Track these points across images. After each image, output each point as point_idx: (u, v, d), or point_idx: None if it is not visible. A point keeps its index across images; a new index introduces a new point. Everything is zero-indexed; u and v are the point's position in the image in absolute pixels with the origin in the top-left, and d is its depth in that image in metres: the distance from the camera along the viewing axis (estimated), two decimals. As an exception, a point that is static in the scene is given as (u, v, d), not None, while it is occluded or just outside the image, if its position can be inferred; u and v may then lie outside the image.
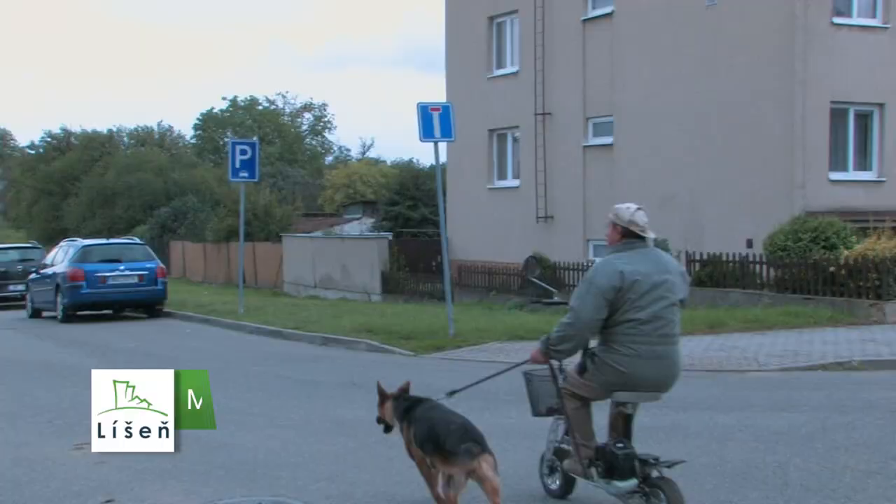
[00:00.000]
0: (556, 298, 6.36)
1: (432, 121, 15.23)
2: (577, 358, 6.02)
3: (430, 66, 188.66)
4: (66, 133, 73.77)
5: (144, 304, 22.49)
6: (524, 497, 6.32)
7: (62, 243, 24.40)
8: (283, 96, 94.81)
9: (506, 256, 24.70)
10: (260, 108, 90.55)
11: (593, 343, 5.88)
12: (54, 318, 22.08)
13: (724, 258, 18.15)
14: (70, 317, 21.47)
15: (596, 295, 5.70)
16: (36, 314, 23.37)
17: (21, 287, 25.73)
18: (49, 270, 22.68)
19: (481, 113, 26.30)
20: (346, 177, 62.90)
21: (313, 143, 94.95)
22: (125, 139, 74.60)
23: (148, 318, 22.24)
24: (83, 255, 21.87)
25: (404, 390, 6.42)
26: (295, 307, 22.35)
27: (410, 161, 71.56)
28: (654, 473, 5.60)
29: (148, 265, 22.15)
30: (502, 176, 27.04)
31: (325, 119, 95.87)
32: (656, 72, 21.65)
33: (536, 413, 6.52)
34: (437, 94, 39.14)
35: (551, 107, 24.50)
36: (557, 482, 6.36)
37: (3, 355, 15.49)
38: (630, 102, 22.32)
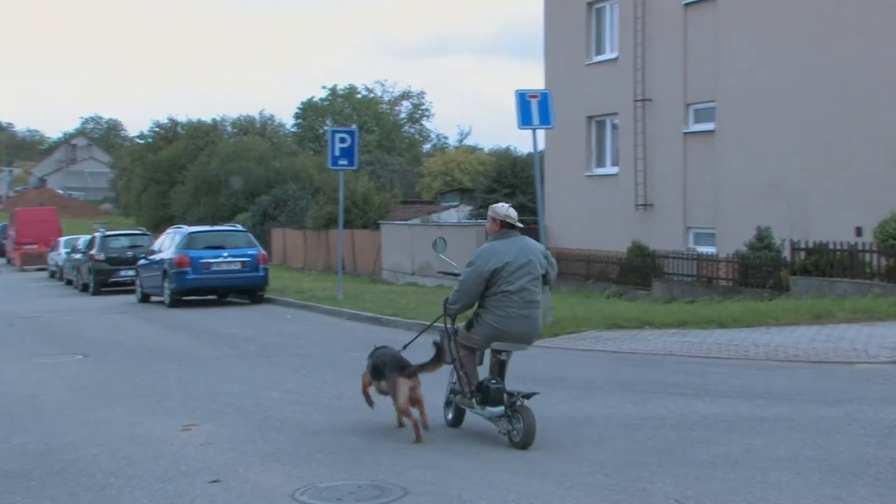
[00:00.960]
0: (456, 272, 7.82)
1: (530, 108, 15.16)
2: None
3: (528, 53, 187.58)
4: (173, 123, 75.77)
5: (247, 289, 22.99)
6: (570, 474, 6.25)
7: (169, 230, 25.09)
8: (382, 85, 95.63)
9: (604, 244, 24.47)
10: (359, 96, 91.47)
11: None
12: (162, 302, 22.73)
13: (832, 246, 17.61)
14: (176, 301, 22.07)
15: (478, 276, 7.77)
16: (145, 299, 24.08)
17: (131, 272, 26.51)
18: (157, 257, 23.34)
19: (580, 100, 26.05)
20: (444, 164, 63.07)
21: (411, 131, 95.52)
22: (228, 128, 76.21)
23: (250, 304, 22.73)
24: (189, 242, 22.44)
25: (380, 347, 8.60)
26: (393, 294, 22.54)
27: (508, 148, 71.32)
28: (518, 403, 7.41)
29: (250, 252, 22.61)
30: (600, 163, 26.77)
31: (423, 107, 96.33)
32: (762, 55, 21.11)
33: (453, 359, 8.17)
34: (535, 81, 38.88)
35: (651, 93, 24.12)
36: (451, 415, 8.25)
37: (115, 339, 16.03)
38: (733, 87, 21.82)
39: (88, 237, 32.83)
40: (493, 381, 7.66)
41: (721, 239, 21.72)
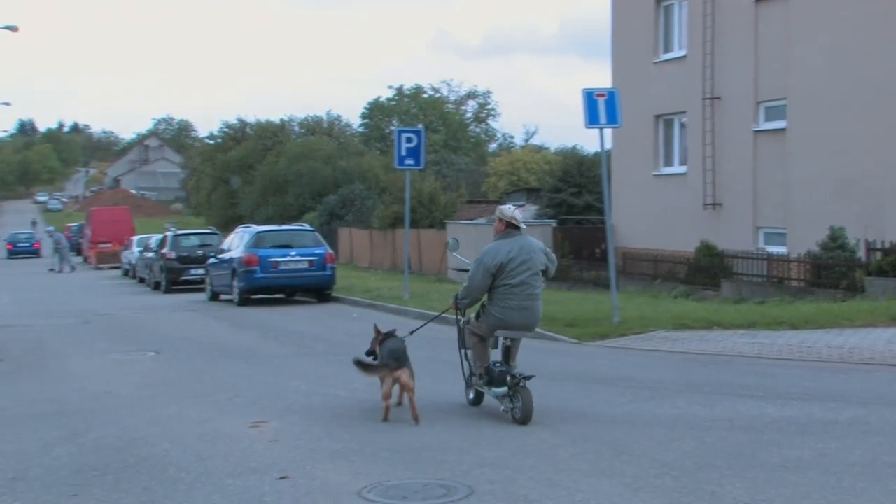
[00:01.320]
0: (468, 267, 9.11)
1: (597, 107, 15.06)
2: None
3: (594, 52, 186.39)
4: (242, 123, 76.81)
5: (314, 288, 23.20)
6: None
7: (238, 229, 25.42)
8: (448, 84, 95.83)
9: (672, 244, 24.19)
10: (425, 96, 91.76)
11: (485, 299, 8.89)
12: (231, 301, 23.06)
13: (909, 247, 17.16)
14: (245, 300, 22.36)
15: (484, 271, 8.76)
16: (214, 297, 24.44)
17: (201, 271, 26.93)
18: (226, 255, 23.68)
19: (647, 98, 25.79)
20: (510, 164, 62.97)
21: (477, 130, 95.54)
22: (296, 128, 77.00)
23: (317, 303, 22.93)
24: (257, 241, 22.72)
25: (389, 332, 9.40)
26: (458, 293, 22.53)
27: (574, 148, 70.88)
28: (520, 384, 8.33)
29: (317, 251, 22.81)
30: (668, 162, 26.46)
31: (489, 107, 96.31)
32: (835, 51, 20.67)
33: (464, 347, 9.31)
34: (601, 80, 38.55)
35: (720, 91, 23.77)
36: (472, 395, 9.24)
37: (185, 336, 16.31)
38: (806, 84, 21.40)
39: (160, 236, 33.44)
40: (498, 365, 8.73)
41: (792, 239, 21.33)
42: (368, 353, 9.40)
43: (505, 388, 8.45)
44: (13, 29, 41.83)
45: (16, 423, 8.67)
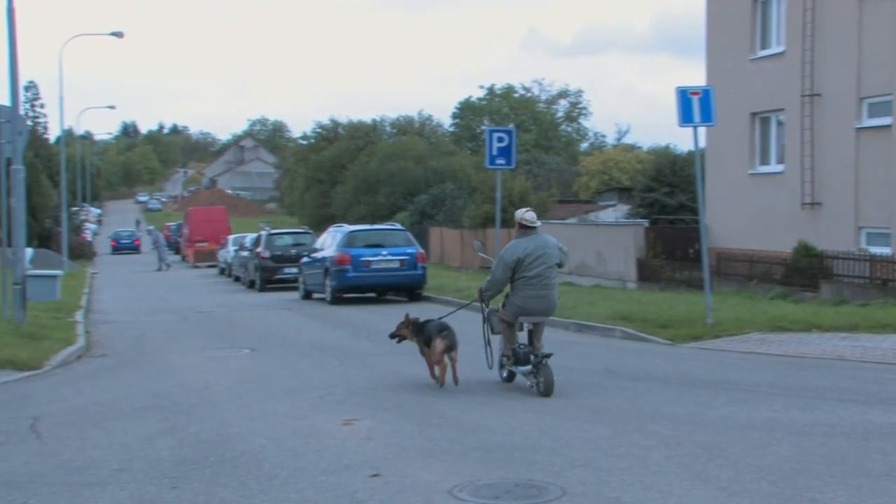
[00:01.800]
0: (491, 265, 10.80)
1: (691, 105, 14.84)
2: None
3: (688, 49, 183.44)
4: (335, 124, 77.81)
5: (405, 287, 23.36)
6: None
7: (330, 229, 25.75)
8: (539, 84, 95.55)
9: (768, 244, 23.66)
10: (516, 96, 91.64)
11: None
12: (323, 299, 23.37)
13: None
14: (337, 299, 22.63)
15: (505, 266, 10.21)
16: (307, 296, 24.80)
17: (294, 270, 27.36)
18: (318, 255, 24.01)
19: (743, 96, 25.26)
20: (602, 163, 62.46)
21: (568, 129, 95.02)
22: (387, 128, 77.67)
23: (408, 302, 23.07)
24: (349, 241, 22.98)
25: (417, 319, 11.05)
26: (549, 293, 22.42)
27: (667, 147, 69.95)
28: (542, 362, 9.75)
29: (409, 250, 22.96)
30: (765, 161, 25.86)
31: (581, 106, 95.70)
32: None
33: (494, 332, 10.70)
34: (695, 77, 37.91)
35: (820, 87, 23.13)
36: (505, 374, 10.62)
37: (279, 334, 16.60)
38: (911, 79, 20.67)
39: (255, 236, 34.08)
40: (523, 347, 10.14)
41: (897, 239, 20.65)
42: (392, 336, 11.21)
43: (529, 366, 9.94)
44: (119, 35, 43.22)
45: (121, 417, 8.95)
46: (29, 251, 26.25)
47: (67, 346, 14.38)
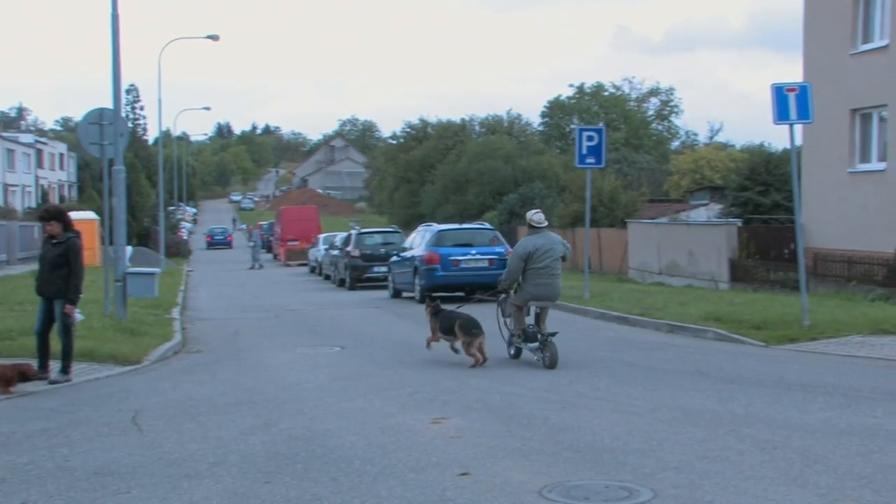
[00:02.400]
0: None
1: (788, 102, 14.51)
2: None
3: (784, 44, 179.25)
4: (424, 123, 78.21)
5: (494, 287, 23.28)
6: None
7: (419, 228, 25.87)
8: (630, 82, 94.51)
9: (868, 245, 22.96)
10: (606, 94, 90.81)
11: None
12: (412, 298, 23.50)
13: None
14: (426, 297, 22.69)
15: (518, 259, 12.22)
16: (396, 294, 24.96)
17: (384, 269, 27.56)
18: (408, 254, 24.15)
19: (842, 92, 24.56)
20: (693, 162, 61.45)
21: (659, 128, 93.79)
22: (476, 128, 77.75)
23: (496, 301, 23.02)
24: (438, 240, 23.05)
25: (438, 305, 12.71)
26: (640, 293, 22.20)
27: (761, 145, 68.58)
28: (547, 339, 11.74)
29: (497, 250, 22.92)
30: (865, 159, 25.10)
31: (672, 103, 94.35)
32: None
33: (505, 315, 12.89)
34: (791, 73, 37.00)
35: (925, 82, 22.36)
36: (513, 351, 12.62)
37: (369, 332, 16.77)
38: None
39: (345, 235, 34.46)
40: (531, 326, 12.18)
41: None
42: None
43: (536, 343, 11.94)
44: (214, 38, 44.17)
45: (216, 412, 9.14)
46: (129, 249, 27.05)
47: (165, 341, 14.77)
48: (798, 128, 15.62)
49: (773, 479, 6.27)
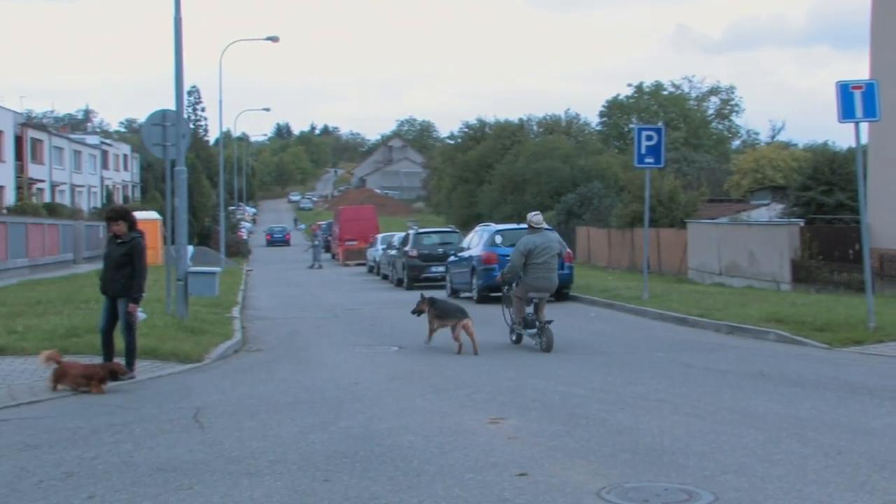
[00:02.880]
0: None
1: (853, 100, 14.25)
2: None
3: (849, 41, 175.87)
4: (482, 123, 78.21)
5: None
6: None
7: (477, 228, 25.87)
8: (689, 81, 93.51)
9: (936, 245, 22.43)
10: (665, 93, 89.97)
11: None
12: (470, 298, 23.49)
13: None
14: (484, 297, 22.70)
15: (520, 255, 13.80)
16: (454, 294, 24.95)
17: (441, 268, 27.59)
18: (465, 254, 24.16)
19: (910, 88, 23.98)
20: (754, 161, 60.60)
21: (719, 127, 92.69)
22: (534, 127, 77.53)
23: (555, 301, 22.92)
24: (496, 240, 23.02)
25: (433, 298, 14.40)
26: (699, 294, 21.95)
27: (825, 143, 67.40)
28: (544, 326, 13.47)
29: (555, 250, 22.78)
30: (934, 157, 24.51)
31: (733, 102, 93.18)
32: None
33: (508, 306, 14.66)
34: (856, 71, 36.24)
35: None
36: (514, 337, 14.31)
37: (426, 331, 16.76)
38: None
39: (403, 234, 34.57)
40: (530, 315, 13.87)
41: None
42: (414, 312, 14.61)
43: (535, 329, 13.68)
44: (274, 39, 44.65)
45: (275, 410, 9.24)
46: (190, 249, 27.45)
47: (226, 340, 14.96)
48: (864, 126, 15.31)
49: (838, 485, 6.16)
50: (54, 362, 10.47)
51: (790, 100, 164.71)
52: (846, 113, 14.29)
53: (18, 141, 57.86)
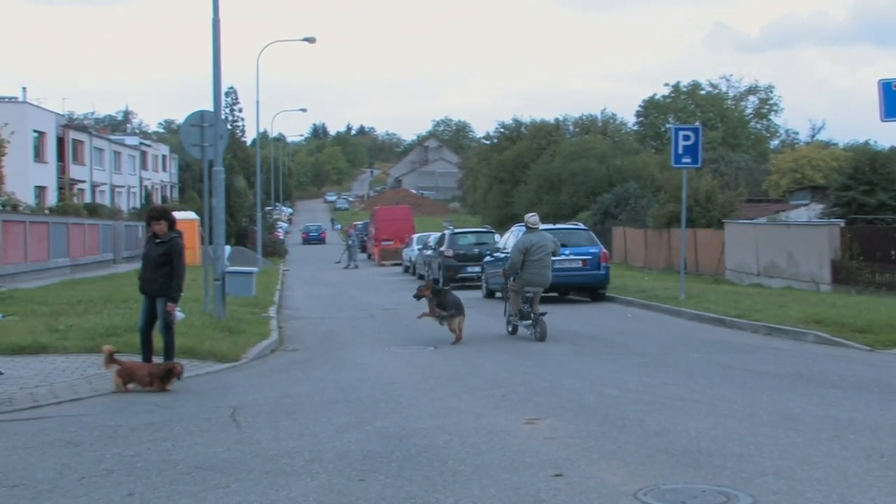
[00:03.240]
0: (508, 253, 16.16)
1: None
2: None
3: (892, 39, 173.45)
4: (518, 123, 78.10)
5: (588, 287, 23.14)
6: None
7: (513, 228, 25.80)
8: (727, 80, 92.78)
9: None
10: (702, 92, 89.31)
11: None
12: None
13: None
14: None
15: (518, 252, 15.38)
16: (490, 294, 24.95)
17: (477, 269, 27.58)
18: (501, 254, 24.10)
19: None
20: (793, 161, 59.97)
21: (758, 126, 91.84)
22: (570, 128, 77.28)
23: (591, 302, 22.87)
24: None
25: (437, 287, 16.28)
26: (737, 295, 21.76)
27: (867, 143, 66.52)
28: (539, 318, 15.01)
29: (591, 250, 22.73)
30: (977, 156, 24.13)
31: (771, 102, 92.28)
32: None
33: (505, 298, 16.45)
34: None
35: None
36: (510, 328, 15.86)
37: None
38: None
39: (439, 235, 34.58)
40: (525, 306, 15.32)
41: None
42: (416, 296, 16.08)
43: (529, 321, 15.21)
44: (311, 41, 44.87)
45: (311, 409, 9.29)
46: (227, 249, 27.66)
47: (262, 340, 15.06)
48: (906, 125, 15.10)
49: (881, 489, 6.08)
50: (115, 364, 10.60)
51: (831, 99, 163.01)
52: (889, 111, 14.13)
53: (60, 142, 58.63)
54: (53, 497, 6.31)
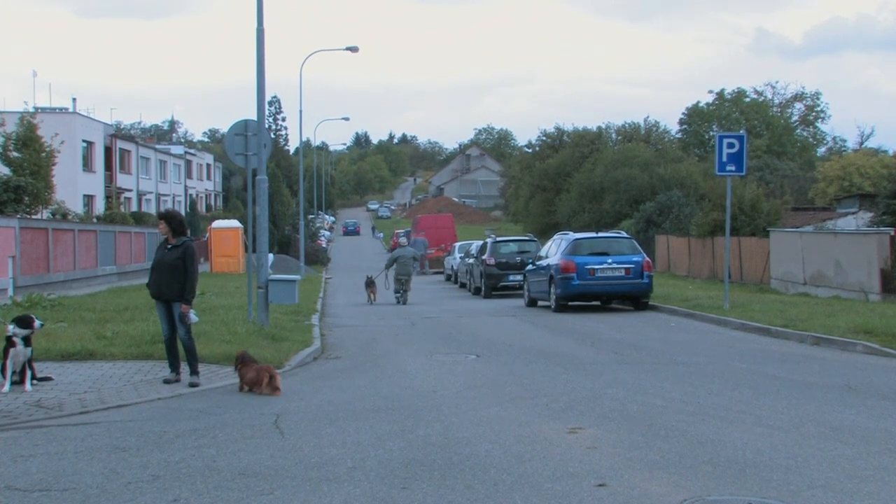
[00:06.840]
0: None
1: (945, 104, 13.83)
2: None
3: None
4: (560, 131, 77.88)
5: (630, 296, 23.00)
6: None
7: (555, 236, 25.77)
8: (772, 87, 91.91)
9: None
10: (747, 100, 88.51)
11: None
12: (548, 307, 23.40)
13: None
14: (562, 306, 22.60)
15: (390, 259, 29.51)
16: (532, 303, 24.90)
17: (519, 277, 27.56)
18: (543, 262, 24.07)
19: None
20: (841, 169, 59.15)
21: (804, 134, 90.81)
22: (613, 135, 76.91)
23: (633, 311, 22.72)
24: (574, 248, 22.89)
25: (372, 277, 29.10)
26: (783, 304, 21.49)
27: (916, 149, 65.43)
28: (406, 293, 28.23)
29: (634, 259, 22.59)
30: None
31: (818, 108, 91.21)
32: None
33: (390, 286, 30.27)
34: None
35: None
36: (395, 300, 28.27)
37: (505, 340, 16.77)
38: None
39: (481, 243, 34.60)
40: (398, 288, 27.87)
41: None
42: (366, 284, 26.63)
43: (398, 295, 27.28)
44: (353, 50, 45.14)
45: (354, 417, 9.32)
46: (270, 257, 27.89)
47: (305, 347, 15.14)
48: (956, 132, 14.84)
49: (929, 502, 5.97)
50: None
51: (879, 105, 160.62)
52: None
53: (108, 151, 59.55)
54: (101, 501, 6.39)
